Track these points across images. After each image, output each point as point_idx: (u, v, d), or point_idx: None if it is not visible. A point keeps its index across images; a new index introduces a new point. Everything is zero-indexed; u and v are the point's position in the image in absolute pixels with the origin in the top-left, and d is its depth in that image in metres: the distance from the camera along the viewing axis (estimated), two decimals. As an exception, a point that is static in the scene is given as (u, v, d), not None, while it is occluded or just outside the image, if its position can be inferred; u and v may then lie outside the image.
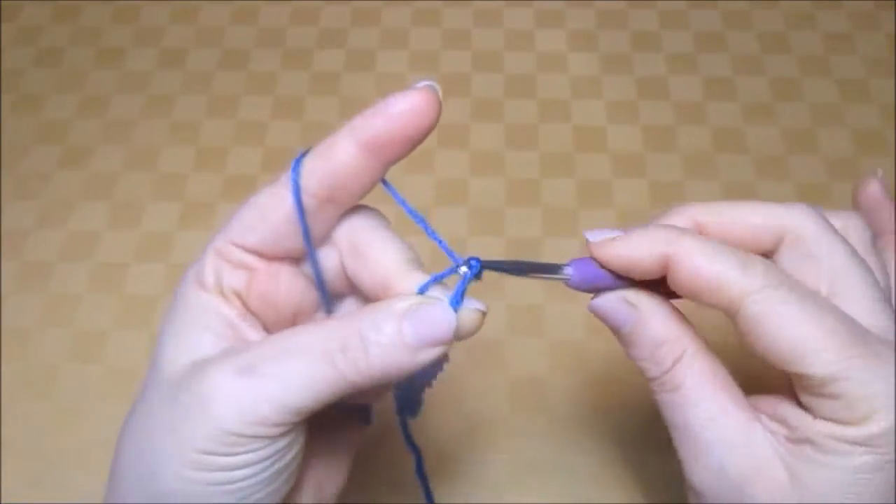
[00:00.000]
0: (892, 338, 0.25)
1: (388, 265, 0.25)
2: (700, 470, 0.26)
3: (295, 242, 0.26)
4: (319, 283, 0.27)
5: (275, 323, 0.26)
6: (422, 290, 0.25)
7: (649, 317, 0.27)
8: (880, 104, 0.50)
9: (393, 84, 0.52)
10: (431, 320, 0.24)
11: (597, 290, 0.28)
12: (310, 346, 0.24)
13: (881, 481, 0.23)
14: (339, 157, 0.25)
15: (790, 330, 0.24)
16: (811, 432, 0.24)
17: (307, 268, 0.27)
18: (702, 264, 0.24)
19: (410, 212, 0.26)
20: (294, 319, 0.27)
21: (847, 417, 0.23)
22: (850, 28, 0.54)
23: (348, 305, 0.28)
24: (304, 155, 0.25)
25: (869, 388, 0.23)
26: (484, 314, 0.25)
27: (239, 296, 0.26)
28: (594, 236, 0.27)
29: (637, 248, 0.26)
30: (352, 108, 0.51)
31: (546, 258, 0.45)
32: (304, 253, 0.26)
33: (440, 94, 0.25)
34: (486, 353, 0.42)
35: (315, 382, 0.23)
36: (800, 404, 0.25)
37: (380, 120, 0.25)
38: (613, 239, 0.26)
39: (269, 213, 0.25)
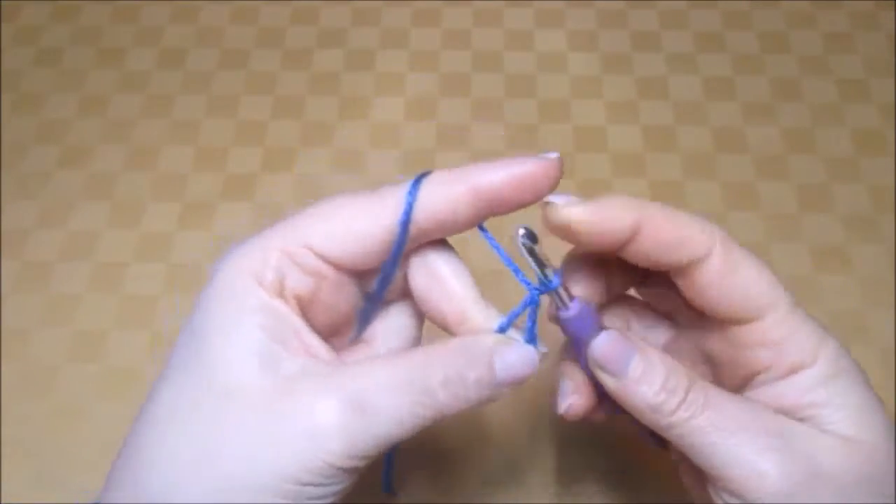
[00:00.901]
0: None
1: (466, 298, 0.26)
2: (786, 461, 0.24)
3: (373, 261, 0.26)
4: (376, 299, 0.27)
5: (317, 325, 0.26)
6: (501, 329, 0.26)
7: (649, 347, 0.27)
8: (880, 104, 0.50)
9: (393, 84, 0.52)
10: (519, 361, 0.25)
11: (572, 331, 0.28)
12: (414, 379, 0.24)
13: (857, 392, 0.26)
14: (453, 198, 0.25)
15: (752, 284, 0.26)
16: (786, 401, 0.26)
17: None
18: (669, 227, 0.26)
19: (506, 260, 0.27)
20: (334, 325, 0.27)
21: (806, 357, 0.26)
22: (850, 28, 0.54)
23: (393, 313, 0.29)
24: (418, 181, 0.25)
25: (813, 329, 0.26)
26: (546, 355, 0.26)
27: (299, 300, 0.26)
28: (561, 198, 0.26)
29: (611, 212, 0.26)
30: (352, 108, 0.52)
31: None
32: (371, 269, 0.26)
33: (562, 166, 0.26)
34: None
35: (418, 419, 0.24)
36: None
37: (504, 176, 0.25)
38: (585, 203, 0.26)
39: (365, 231, 0.25)
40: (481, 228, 0.26)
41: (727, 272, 0.26)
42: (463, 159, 0.48)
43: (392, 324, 0.29)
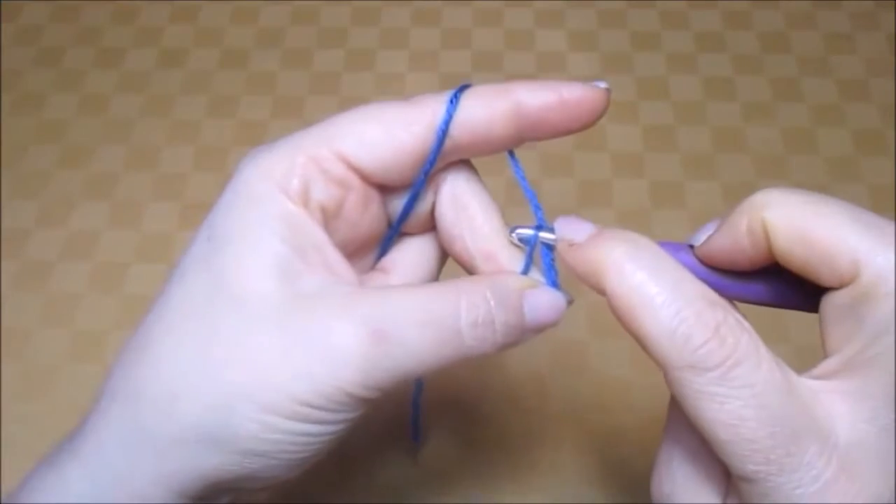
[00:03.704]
0: None
1: (493, 236, 0.25)
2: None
3: (403, 175, 0.25)
4: (400, 222, 0.26)
5: (338, 243, 0.25)
6: (524, 271, 0.25)
7: None
8: (880, 104, 0.50)
9: (393, 84, 0.52)
10: (547, 305, 0.24)
11: None
12: (442, 317, 0.22)
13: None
14: (493, 113, 0.24)
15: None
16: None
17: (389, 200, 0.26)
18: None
19: (528, 193, 0.26)
20: (355, 246, 0.26)
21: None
22: (850, 28, 0.54)
23: (414, 245, 0.28)
24: (460, 91, 0.24)
25: None
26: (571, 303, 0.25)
27: (324, 212, 0.24)
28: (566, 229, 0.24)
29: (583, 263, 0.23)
30: (352, 108, 0.52)
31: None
32: (398, 185, 0.25)
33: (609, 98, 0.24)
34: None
35: (442, 358, 0.22)
36: None
37: (553, 98, 0.24)
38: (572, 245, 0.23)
39: (400, 138, 0.24)
40: (511, 154, 0.26)
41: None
42: (463, 159, 0.48)
43: (412, 255, 0.27)
